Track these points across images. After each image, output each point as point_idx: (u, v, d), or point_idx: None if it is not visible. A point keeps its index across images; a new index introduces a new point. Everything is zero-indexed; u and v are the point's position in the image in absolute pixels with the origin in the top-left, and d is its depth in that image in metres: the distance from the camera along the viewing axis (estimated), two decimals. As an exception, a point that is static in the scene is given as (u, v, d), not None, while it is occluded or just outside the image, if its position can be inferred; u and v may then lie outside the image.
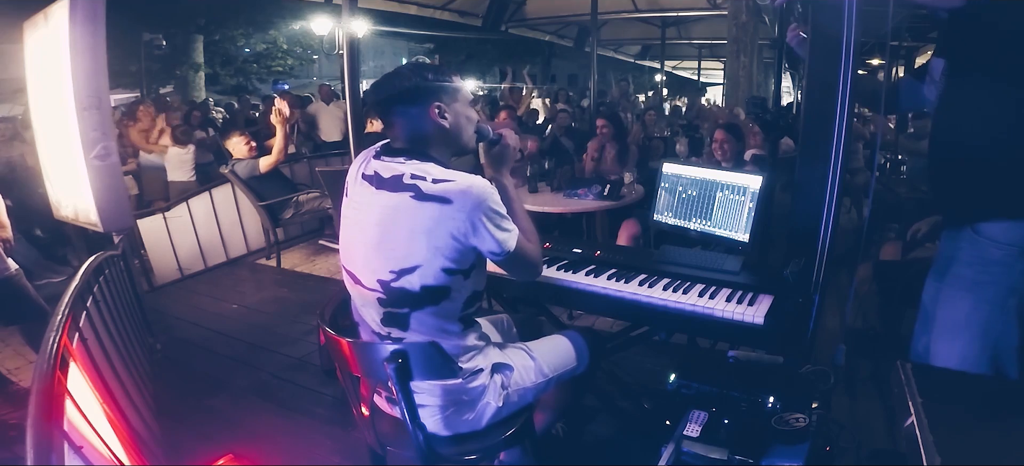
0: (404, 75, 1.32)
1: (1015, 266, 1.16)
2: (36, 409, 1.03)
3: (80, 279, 1.83)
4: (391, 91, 1.31)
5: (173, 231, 4.06)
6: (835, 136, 1.75)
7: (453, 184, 1.24)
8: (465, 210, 1.23)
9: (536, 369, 1.47)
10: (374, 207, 1.29)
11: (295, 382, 2.62)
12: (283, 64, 16.03)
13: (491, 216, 1.27)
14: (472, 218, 1.24)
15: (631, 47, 13.66)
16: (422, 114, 1.31)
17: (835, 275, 2.28)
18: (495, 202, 1.29)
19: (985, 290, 1.22)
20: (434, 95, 1.32)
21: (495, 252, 1.29)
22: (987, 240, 1.21)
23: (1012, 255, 1.16)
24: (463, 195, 1.23)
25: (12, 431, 2.13)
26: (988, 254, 1.21)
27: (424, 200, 1.23)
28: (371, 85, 1.38)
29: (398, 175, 1.27)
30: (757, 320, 1.48)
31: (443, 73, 1.35)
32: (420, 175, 1.26)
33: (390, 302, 1.30)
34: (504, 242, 1.29)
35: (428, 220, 1.23)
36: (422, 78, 1.31)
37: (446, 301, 1.30)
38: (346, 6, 3.11)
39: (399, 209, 1.25)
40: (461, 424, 1.37)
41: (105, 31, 2.51)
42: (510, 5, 8.25)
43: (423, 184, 1.25)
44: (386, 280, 1.28)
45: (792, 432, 1.43)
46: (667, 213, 2.00)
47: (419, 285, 1.27)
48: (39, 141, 3.12)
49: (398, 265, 1.26)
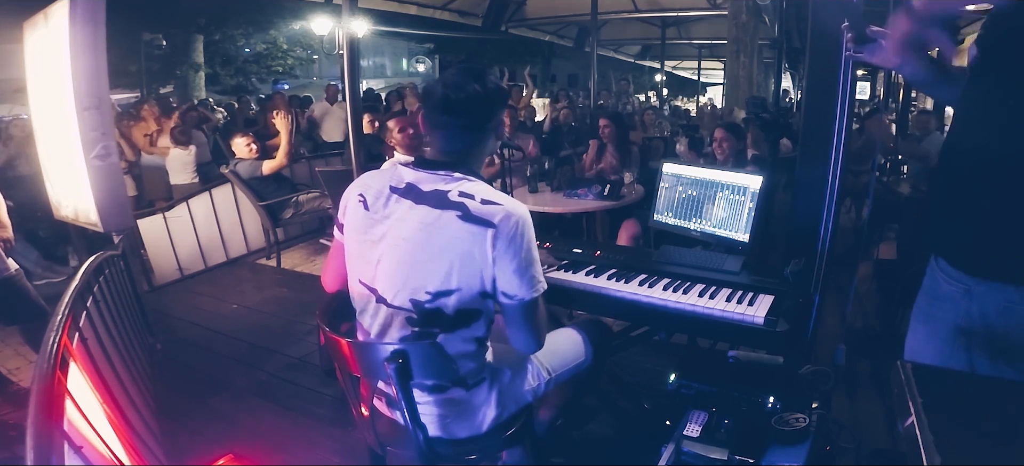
0: (473, 86, 1.21)
1: (961, 304, 1.08)
2: (36, 409, 1.03)
3: (80, 279, 1.82)
4: (462, 101, 1.20)
5: (173, 231, 4.06)
6: (835, 136, 1.75)
7: (500, 207, 1.18)
8: (505, 237, 1.16)
9: (535, 371, 1.45)
10: (408, 222, 1.21)
11: (295, 382, 2.62)
12: (283, 64, 16.02)
13: (524, 251, 1.18)
14: (508, 248, 1.17)
15: (631, 47, 13.67)
16: (481, 131, 1.24)
17: (835, 275, 2.29)
18: (533, 240, 1.21)
19: (934, 324, 1.15)
20: (500, 110, 1.26)
21: (509, 295, 1.20)
22: (941, 272, 1.14)
23: (958, 292, 1.09)
24: (507, 220, 1.17)
25: (12, 431, 2.13)
26: (939, 287, 1.14)
27: (471, 221, 1.17)
28: (434, 86, 1.24)
29: (442, 191, 1.20)
30: (757, 320, 1.48)
31: (499, 82, 1.26)
32: (469, 194, 1.19)
33: (421, 322, 1.23)
34: (525, 288, 1.20)
35: (473, 243, 1.16)
36: (493, 90, 1.23)
37: (475, 324, 1.25)
38: (346, 6, 3.11)
39: (444, 228, 1.18)
40: (460, 429, 1.36)
41: (105, 31, 2.51)
42: (510, 5, 8.25)
43: (471, 204, 1.18)
44: (420, 300, 1.21)
45: (792, 432, 1.43)
46: (667, 213, 2.00)
47: (455, 308, 1.20)
48: (39, 141, 3.12)
49: (437, 286, 1.19)
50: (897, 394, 0.70)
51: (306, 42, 15.92)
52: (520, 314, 1.23)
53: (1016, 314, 1.03)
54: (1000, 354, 1.05)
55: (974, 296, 1.07)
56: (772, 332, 1.45)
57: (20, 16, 3.00)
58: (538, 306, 1.25)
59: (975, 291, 1.07)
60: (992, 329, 1.06)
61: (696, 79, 14.48)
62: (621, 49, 13.58)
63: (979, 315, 1.07)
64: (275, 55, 15.73)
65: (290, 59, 16.14)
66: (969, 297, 1.08)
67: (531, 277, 1.21)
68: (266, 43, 15.61)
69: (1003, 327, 1.04)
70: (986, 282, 1.06)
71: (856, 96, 1.95)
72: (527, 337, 1.28)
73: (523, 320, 1.24)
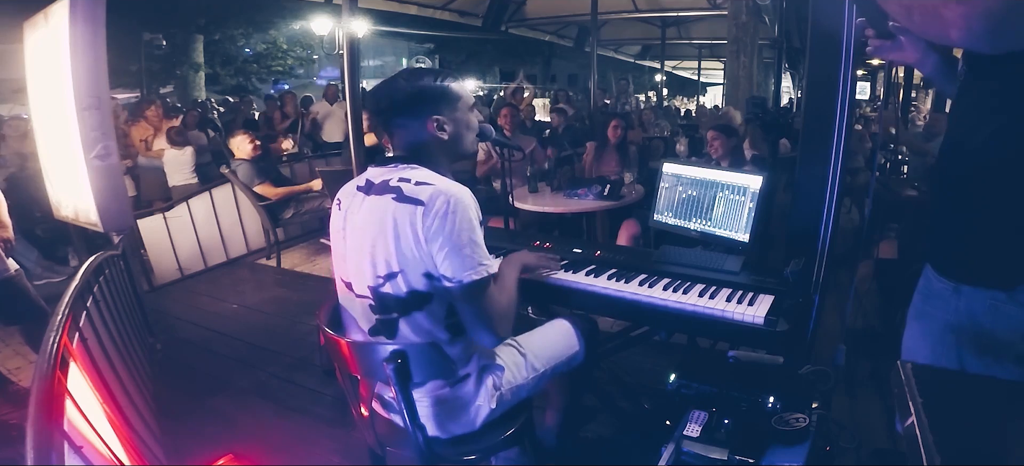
0: (400, 85, 1.28)
1: (951, 302, 1.10)
2: (36, 409, 1.03)
3: (80, 279, 1.82)
4: (387, 102, 1.27)
5: (173, 231, 4.06)
6: (835, 136, 1.75)
7: (431, 187, 1.20)
8: (432, 214, 1.18)
9: (527, 365, 1.45)
10: (362, 212, 1.27)
11: (295, 382, 2.62)
12: (283, 64, 16.04)
13: (456, 230, 1.18)
14: (438, 225, 1.18)
15: (631, 47, 13.67)
16: (420, 127, 1.28)
17: (835, 275, 2.29)
18: (470, 220, 1.20)
19: (926, 322, 1.17)
20: (432, 106, 1.28)
21: (448, 277, 1.20)
22: (932, 270, 1.17)
23: (948, 290, 1.11)
24: (435, 197, 1.18)
25: (12, 431, 2.13)
26: (931, 285, 1.17)
27: (404, 201, 1.21)
28: (369, 93, 1.33)
29: (386, 180, 1.26)
30: (757, 320, 1.48)
31: (442, 80, 1.29)
32: (406, 178, 1.24)
33: (379, 308, 1.28)
34: (464, 270, 1.19)
35: (404, 222, 1.20)
36: (420, 87, 1.27)
37: (430, 306, 1.26)
38: (346, 6, 3.11)
39: (384, 212, 1.22)
40: (455, 426, 1.36)
41: (105, 31, 2.51)
42: (510, 5, 8.25)
43: (406, 186, 1.22)
44: (374, 285, 1.26)
45: (792, 432, 1.43)
46: (667, 213, 2.00)
47: (405, 289, 1.24)
48: (39, 141, 3.12)
49: (384, 269, 1.23)
50: (897, 394, 0.70)
51: (306, 42, 15.93)
52: (463, 298, 1.22)
53: (1003, 313, 1.04)
54: (988, 352, 1.07)
55: (963, 294, 1.10)
56: (772, 332, 1.45)
57: (20, 16, 3.00)
58: (483, 291, 1.22)
59: (964, 290, 1.09)
60: (981, 327, 1.07)
61: (696, 79, 14.48)
62: (621, 49, 13.58)
63: (968, 313, 1.09)
64: (275, 55, 15.75)
65: (290, 59, 16.15)
66: (958, 295, 1.10)
67: (468, 258, 1.19)
68: (266, 43, 15.63)
69: (991, 326, 1.06)
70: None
71: (856, 96, 1.95)
72: (478, 327, 1.25)
73: (468, 306, 1.23)
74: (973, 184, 1.08)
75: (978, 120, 1.07)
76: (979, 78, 1.08)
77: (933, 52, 1.19)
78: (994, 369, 1.07)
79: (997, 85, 1.02)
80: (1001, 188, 1.04)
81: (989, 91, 1.05)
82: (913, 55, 1.19)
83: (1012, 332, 1.04)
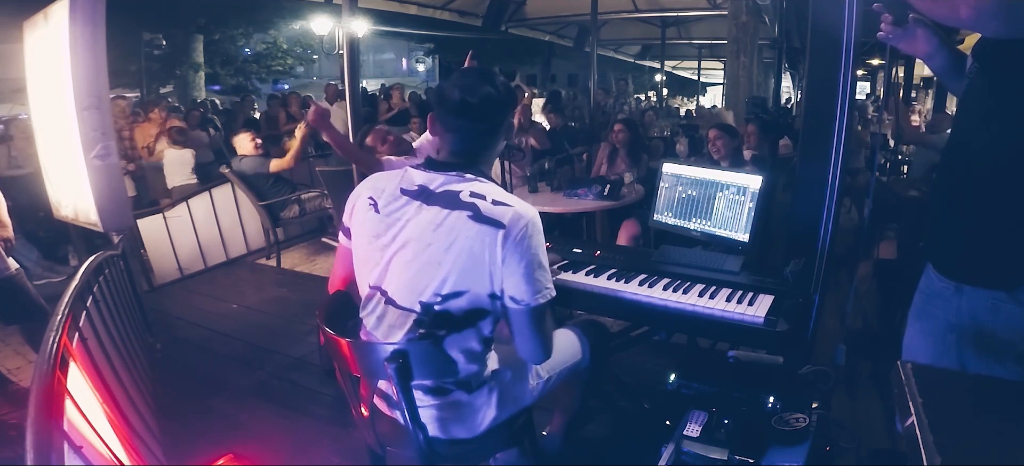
0: (497, 83, 1.22)
1: (952, 302, 1.11)
2: (36, 409, 1.03)
3: (80, 279, 1.82)
4: (491, 98, 1.20)
5: (173, 231, 4.06)
6: (835, 136, 1.75)
7: (511, 210, 1.17)
8: (512, 239, 1.15)
9: (534, 372, 1.45)
10: (420, 223, 1.20)
11: (295, 382, 2.62)
12: (283, 64, 16.03)
13: (532, 254, 1.16)
14: (516, 250, 1.15)
15: (631, 47, 13.67)
16: (490, 131, 1.25)
17: (835, 275, 2.30)
18: (542, 244, 1.19)
19: (927, 321, 1.18)
20: (513, 110, 1.26)
21: (516, 299, 1.18)
22: (933, 269, 1.17)
23: (950, 289, 1.11)
24: (516, 221, 1.16)
25: (12, 431, 2.14)
26: (932, 285, 1.17)
27: (483, 223, 1.16)
28: (451, 87, 1.22)
29: (454, 192, 1.20)
30: (757, 320, 1.48)
31: (510, 83, 1.28)
32: (480, 194, 1.18)
33: (429, 324, 1.22)
34: (534, 294, 1.18)
35: (483, 244, 1.15)
36: (508, 91, 1.24)
37: (482, 322, 1.23)
38: (346, 6, 3.11)
39: (456, 230, 1.17)
40: (459, 430, 1.36)
41: (105, 31, 2.51)
42: (510, 5, 8.25)
43: (482, 204, 1.17)
44: (429, 302, 1.20)
45: (792, 432, 1.43)
46: (667, 213, 2.00)
47: (464, 310, 1.19)
48: (39, 141, 3.12)
49: (448, 289, 1.18)
50: (897, 394, 0.70)
51: (306, 42, 15.92)
52: (527, 321, 1.21)
53: (1004, 313, 1.05)
54: (989, 352, 1.07)
55: (964, 293, 1.10)
56: (772, 332, 1.45)
57: (20, 16, 3.00)
58: (546, 314, 1.24)
59: (965, 289, 1.10)
60: (982, 327, 1.08)
61: (696, 79, 14.47)
62: (621, 49, 13.58)
63: (969, 313, 1.09)
64: (275, 55, 15.73)
65: (290, 59, 16.14)
66: (960, 294, 1.11)
67: (539, 282, 1.19)
68: (266, 43, 15.62)
69: (992, 325, 1.06)
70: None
71: (856, 96, 1.95)
72: (534, 346, 1.25)
73: (530, 328, 1.22)
74: (976, 182, 1.08)
75: (984, 118, 1.07)
76: (987, 72, 1.07)
77: (944, 47, 1.19)
78: (995, 369, 1.07)
79: (1004, 81, 1.02)
80: (1005, 187, 1.03)
81: (996, 88, 1.05)
82: (924, 48, 1.19)
83: (1013, 332, 1.04)
